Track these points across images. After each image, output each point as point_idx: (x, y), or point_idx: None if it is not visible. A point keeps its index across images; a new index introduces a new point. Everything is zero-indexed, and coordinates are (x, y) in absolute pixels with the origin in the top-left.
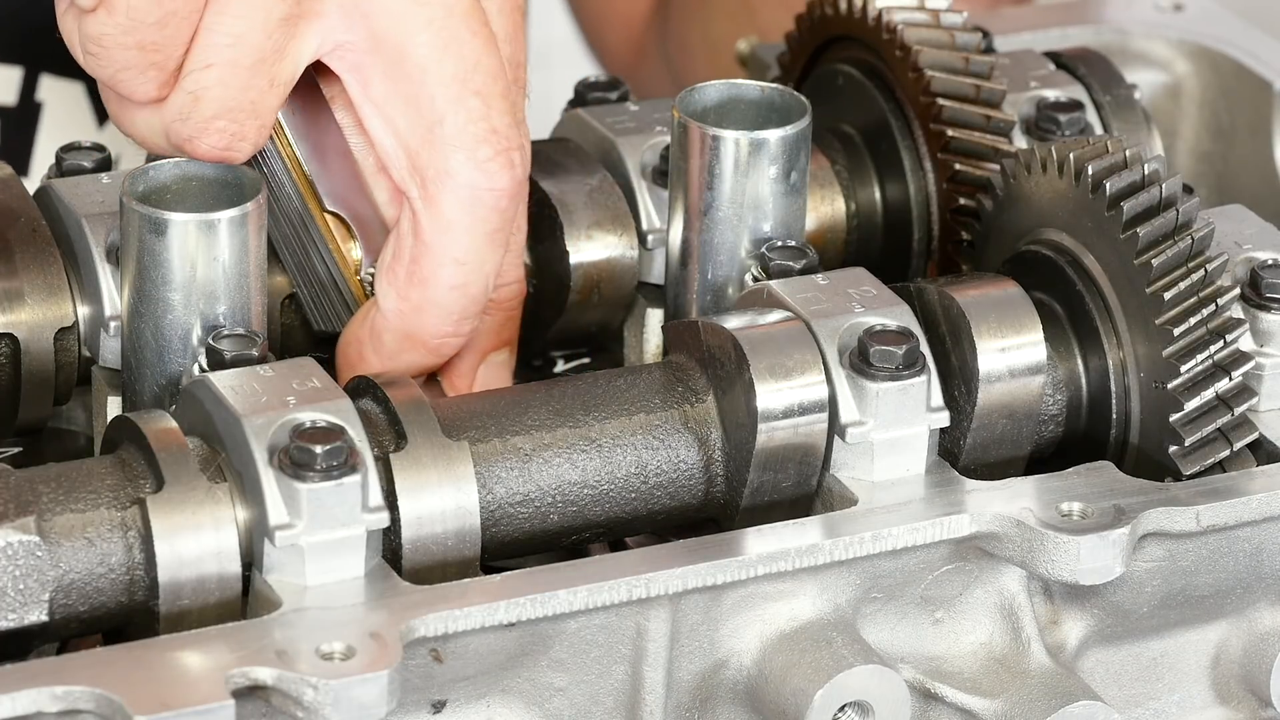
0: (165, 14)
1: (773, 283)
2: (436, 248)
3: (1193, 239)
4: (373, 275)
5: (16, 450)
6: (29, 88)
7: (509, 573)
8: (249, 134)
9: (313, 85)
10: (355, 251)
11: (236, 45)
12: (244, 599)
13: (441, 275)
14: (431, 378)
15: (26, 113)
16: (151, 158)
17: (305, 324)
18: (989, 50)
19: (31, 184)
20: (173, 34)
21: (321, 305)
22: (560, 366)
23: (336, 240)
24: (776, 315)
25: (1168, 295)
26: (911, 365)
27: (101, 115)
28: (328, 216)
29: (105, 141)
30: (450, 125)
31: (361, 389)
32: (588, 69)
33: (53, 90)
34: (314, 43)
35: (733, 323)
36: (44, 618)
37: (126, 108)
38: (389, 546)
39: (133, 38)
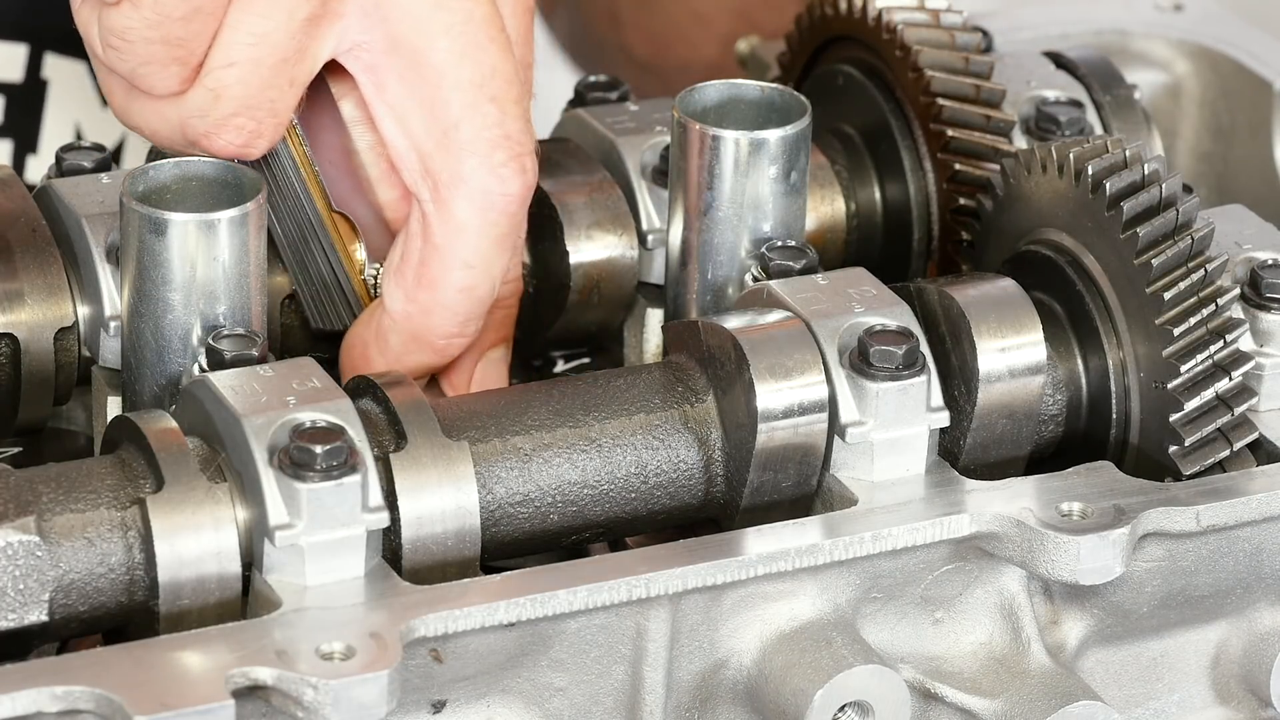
0: (191, 9)
1: (773, 283)
2: (446, 250)
3: (1193, 239)
4: (375, 275)
5: (16, 450)
6: (34, 65)
7: (509, 573)
8: (265, 131)
9: (320, 86)
10: (359, 252)
11: (260, 44)
12: (244, 599)
13: (450, 278)
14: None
15: (32, 90)
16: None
17: (305, 323)
18: (989, 50)
19: (40, 161)
20: (198, 29)
21: (322, 304)
22: (560, 366)
23: (343, 240)
24: (776, 315)
25: (1168, 295)
26: (911, 365)
27: None
28: (335, 216)
29: (111, 120)
30: (466, 130)
31: (361, 389)
32: (588, 68)
33: (57, 68)
34: (333, 41)
35: (733, 323)
36: (44, 618)
37: (138, 101)
38: (389, 546)
39: (158, 32)
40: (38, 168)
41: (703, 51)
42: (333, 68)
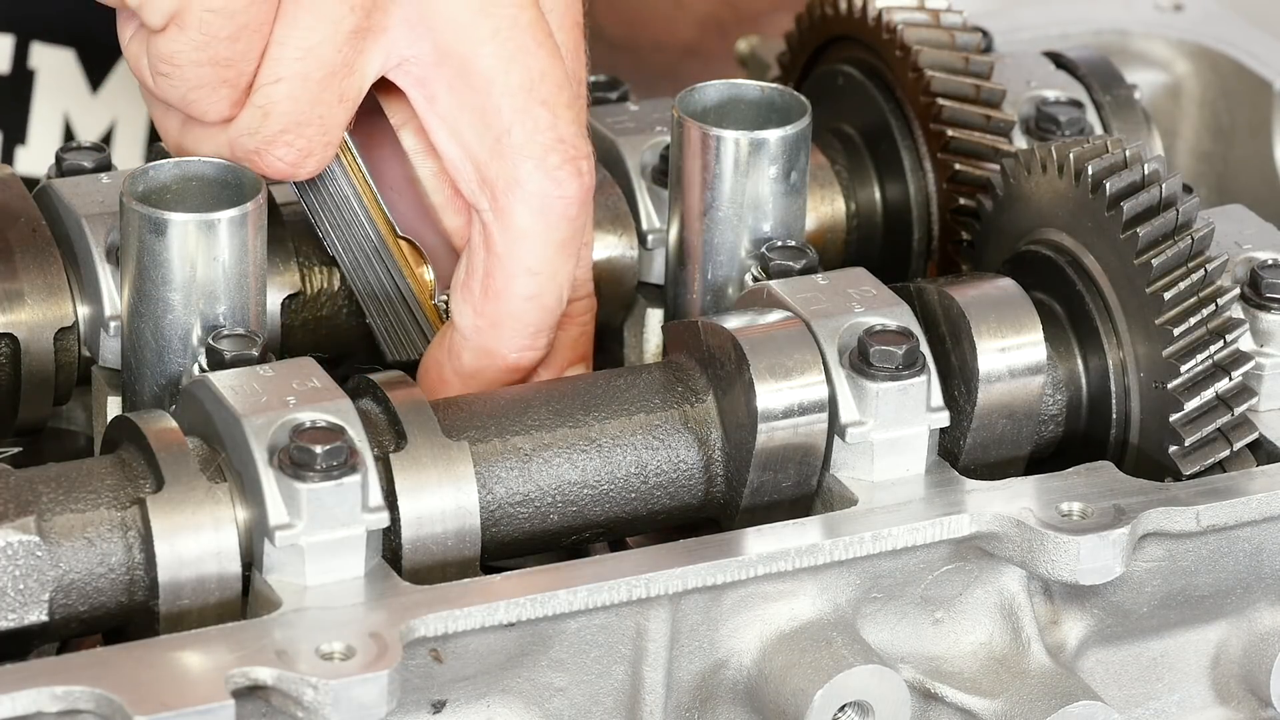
0: (238, 28)
1: (773, 283)
2: (509, 259)
3: (1193, 239)
4: (446, 300)
5: (16, 450)
6: (20, 55)
7: (509, 573)
8: (315, 150)
9: (379, 116)
10: (428, 274)
11: (306, 58)
12: (244, 599)
13: (515, 286)
14: None
15: (20, 80)
16: (154, 136)
17: (305, 324)
18: (989, 50)
19: (29, 151)
20: (245, 48)
21: (396, 334)
22: None
23: (410, 264)
24: (776, 315)
25: (1168, 295)
26: (911, 365)
27: (94, 80)
28: (400, 241)
29: (100, 108)
30: (518, 134)
31: (361, 389)
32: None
33: (44, 57)
34: (380, 58)
35: (733, 323)
36: (44, 618)
37: (193, 131)
38: (389, 546)
39: (206, 54)
40: (27, 158)
41: (680, 33)
42: (388, 96)
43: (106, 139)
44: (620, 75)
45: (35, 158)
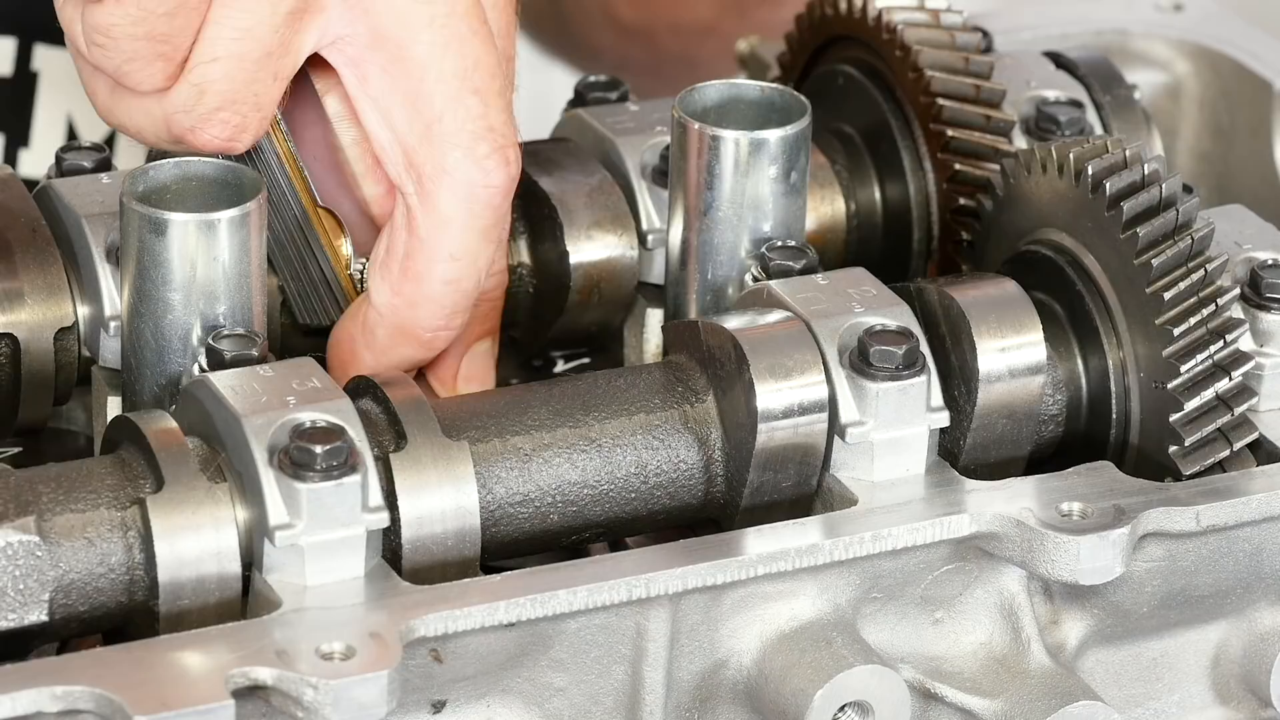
0: (175, 4)
1: (773, 283)
2: (431, 243)
3: (1193, 239)
4: (362, 270)
5: (16, 450)
6: (24, 57)
7: (509, 573)
8: (250, 126)
9: (303, 81)
10: (345, 247)
11: (244, 39)
12: (244, 599)
13: (435, 270)
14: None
15: (23, 82)
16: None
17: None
18: (989, 50)
19: (32, 154)
20: (182, 24)
21: (309, 299)
22: (560, 366)
23: (329, 235)
24: (776, 315)
25: (1168, 295)
26: (911, 365)
27: None
28: (320, 212)
29: None
30: (449, 123)
31: (361, 389)
32: (588, 69)
33: (48, 59)
34: (315, 36)
35: (733, 323)
36: (44, 618)
37: (123, 99)
38: (389, 546)
39: (143, 28)
40: (30, 160)
41: (697, 13)
42: (316, 63)
43: (109, 141)
44: (636, 59)
45: (38, 160)
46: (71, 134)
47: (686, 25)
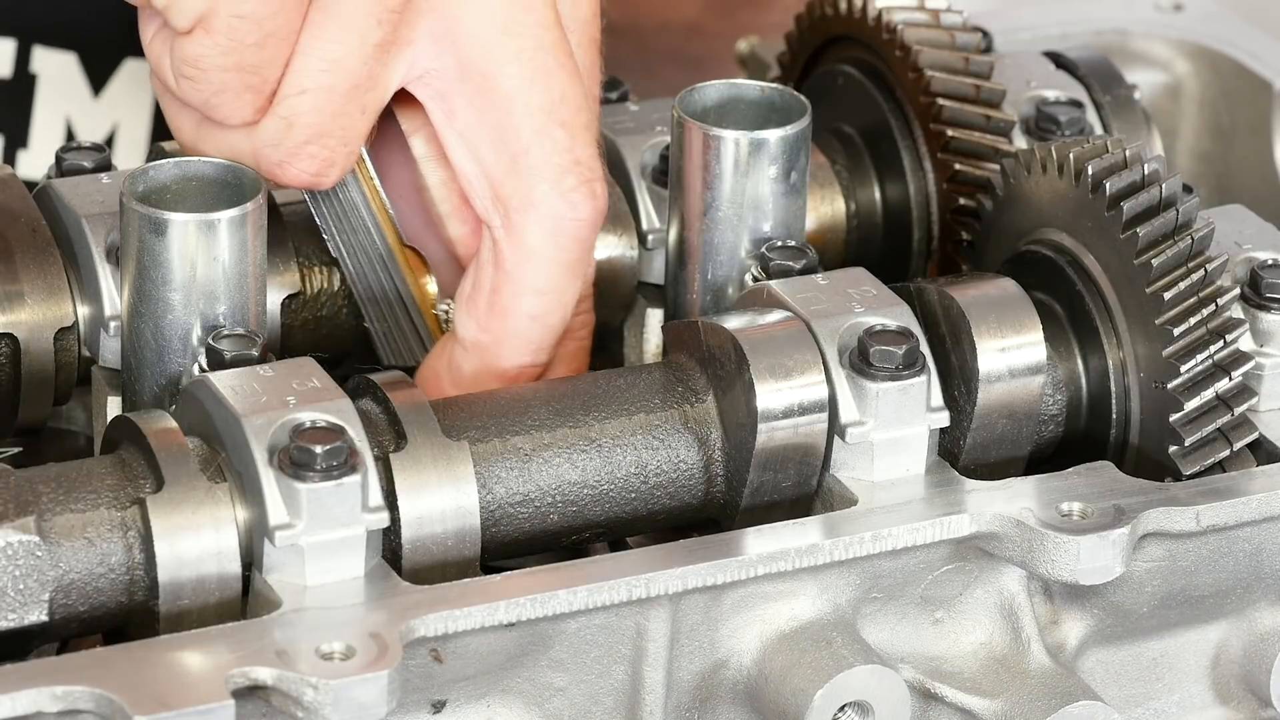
0: (265, 35)
1: (773, 283)
2: (518, 277)
3: (1193, 239)
4: (448, 310)
5: (16, 450)
6: (23, 59)
7: (509, 573)
8: (338, 160)
9: (390, 121)
10: (431, 285)
11: (333, 71)
12: (244, 599)
13: (522, 305)
14: None
15: (22, 84)
16: (156, 139)
17: (305, 324)
18: (989, 50)
19: (31, 155)
20: (271, 56)
21: (394, 340)
22: None
23: (414, 274)
24: (776, 315)
25: (1168, 295)
26: (911, 365)
27: (96, 84)
28: (406, 250)
29: (101, 112)
30: (536, 155)
31: (361, 389)
32: None
33: (46, 61)
34: (403, 70)
35: (733, 323)
36: (44, 618)
37: (211, 133)
38: (389, 546)
39: (232, 59)
40: (29, 162)
41: (683, 12)
42: (402, 102)
43: (108, 143)
44: (625, 59)
45: (37, 161)
46: (70, 135)
47: (673, 24)
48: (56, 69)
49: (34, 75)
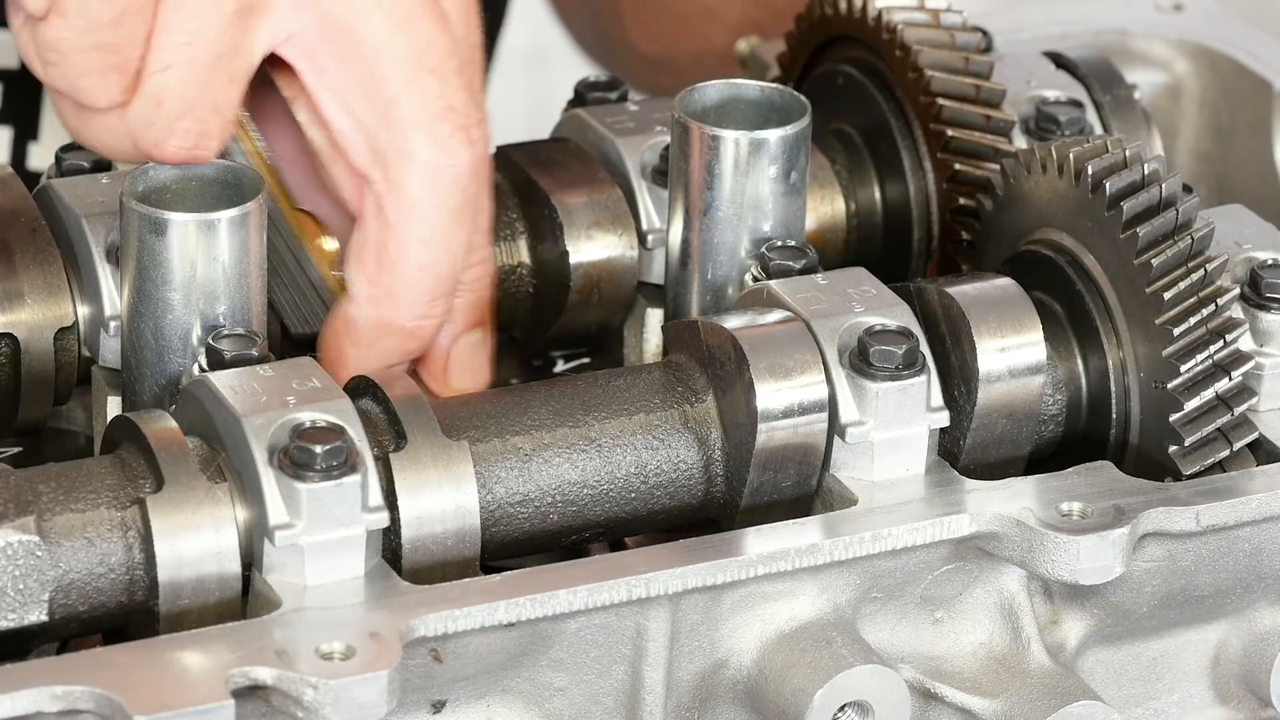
0: (119, 12)
1: (773, 283)
2: (401, 228)
3: (1193, 239)
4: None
5: (16, 450)
6: None
7: (509, 573)
8: (213, 131)
9: (271, 88)
10: (328, 245)
11: (194, 43)
12: (244, 599)
13: (409, 256)
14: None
15: (30, 76)
16: None
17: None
18: (989, 50)
19: (42, 148)
20: (128, 32)
21: (300, 309)
22: (560, 366)
23: (309, 237)
24: (776, 315)
25: (1168, 295)
26: (911, 365)
27: None
28: (299, 214)
29: None
30: (406, 104)
31: (361, 389)
32: (587, 69)
33: None
34: (267, 35)
35: (733, 323)
36: (44, 618)
37: (88, 118)
38: (389, 546)
39: (89, 39)
40: (40, 154)
41: (715, 42)
42: (279, 68)
43: None
44: (667, 87)
45: (47, 153)
46: None
47: (707, 54)
48: None
49: None
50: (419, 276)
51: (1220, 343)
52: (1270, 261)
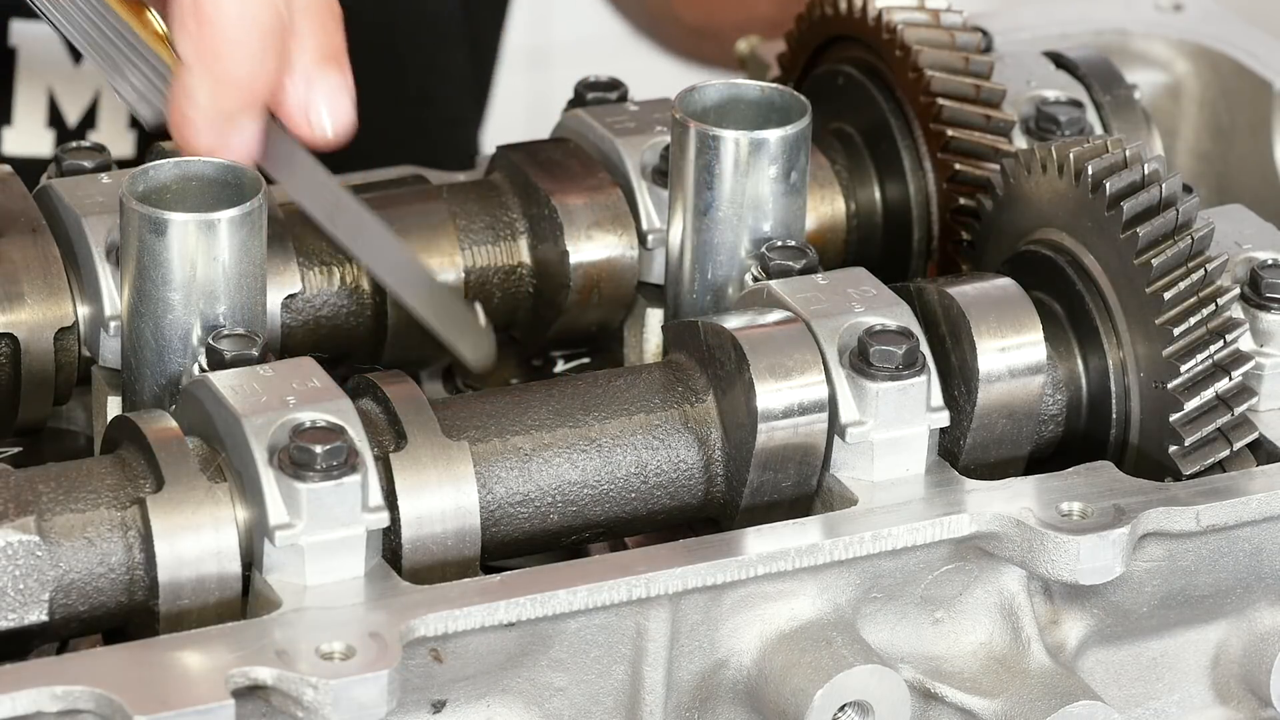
0: None
1: (773, 283)
2: None
3: (1193, 239)
4: None
5: (16, 450)
6: (0, 33)
7: (509, 573)
8: None
9: None
10: (156, 24)
11: None
12: (244, 599)
13: (225, 9)
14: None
15: (1, 59)
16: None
17: (305, 323)
18: (989, 50)
19: (15, 132)
20: None
21: (145, 97)
22: (560, 366)
23: (138, 21)
24: (776, 315)
25: (1168, 295)
26: (911, 365)
27: (76, 54)
28: (124, 1)
29: (82, 81)
30: None
31: (361, 389)
32: (588, 69)
33: (24, 33)
34: None
35: (733, 323)
36: (44, 618)
37: None
38: (389, 546)
39: None
40: (13, 138)
41: (759, 10)
42: None
43: (91, 111)
44: (707, 61)
45: (21, 138)
46: (54, 109)
47: (751, 24)
48: (35, 41)
49: (13, 49)
50: (240, 27)
51: (1220, 343)
52: (1270, 261)
